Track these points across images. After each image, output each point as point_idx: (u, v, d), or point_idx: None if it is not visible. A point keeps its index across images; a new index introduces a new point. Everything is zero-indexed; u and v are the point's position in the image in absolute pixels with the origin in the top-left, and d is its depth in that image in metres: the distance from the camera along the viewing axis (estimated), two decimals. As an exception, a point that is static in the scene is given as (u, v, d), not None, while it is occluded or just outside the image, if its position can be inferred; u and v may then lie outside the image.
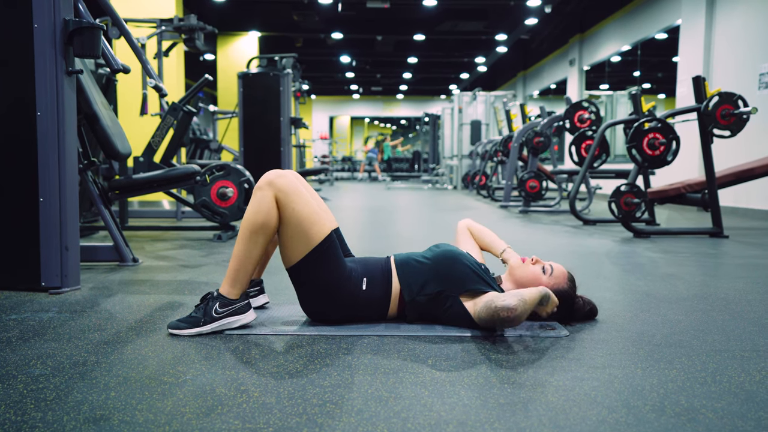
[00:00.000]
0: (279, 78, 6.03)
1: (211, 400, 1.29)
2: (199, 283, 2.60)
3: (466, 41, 15.01)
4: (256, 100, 6.04)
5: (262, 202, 1.77)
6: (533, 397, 1.31)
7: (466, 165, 12.56)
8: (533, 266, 1.92)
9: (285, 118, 6.05)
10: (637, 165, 4.42)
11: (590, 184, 6.53)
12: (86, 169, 3.00)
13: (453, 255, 1.86)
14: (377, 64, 18.56)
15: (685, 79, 7.79)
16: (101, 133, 3.10)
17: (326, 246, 1.80)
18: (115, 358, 1.56)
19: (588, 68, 12.31)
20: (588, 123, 5.97)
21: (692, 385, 1.39)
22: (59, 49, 2.35)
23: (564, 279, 1.92)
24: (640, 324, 1.94)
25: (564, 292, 1.90)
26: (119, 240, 3.02)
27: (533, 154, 6.81)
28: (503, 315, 1.64)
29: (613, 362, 1.55)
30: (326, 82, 21.80)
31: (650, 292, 2.45)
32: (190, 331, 1.76)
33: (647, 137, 4.29)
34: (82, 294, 2.35)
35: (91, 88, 3.12)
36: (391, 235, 4.58)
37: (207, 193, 3.97)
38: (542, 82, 15.33)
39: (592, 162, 5.20)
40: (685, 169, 7.50)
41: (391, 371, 1.47)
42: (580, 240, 4.23)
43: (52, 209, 2.37)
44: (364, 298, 1.84)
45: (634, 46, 10.37)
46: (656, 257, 3.44)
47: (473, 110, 12.62)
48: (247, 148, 6.02)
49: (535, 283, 1.88)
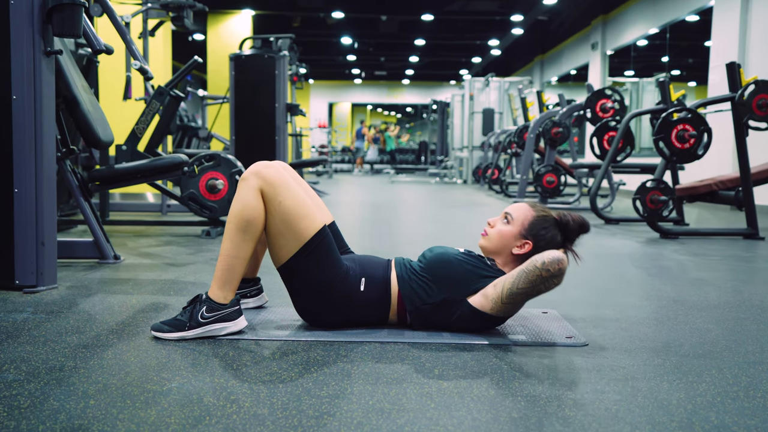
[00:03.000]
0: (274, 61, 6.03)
1: (198, 410, 1.29)
2: (185, 283, 2.60)
3: (478, 22, 14.96)
4: (250, 84, 6.03)
5: (248, 194, 1.78)
6: (549, 411, 1.31)
7: (477, 157, 12.54)
8: (494, 229, 1.91)
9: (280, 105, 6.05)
10: (665, 159, 4.40)
11: (613, 180, 6.52)
12: (65, 158, 3.00)
13: (447, 257, 1.86)
14: (381, 46, 18.52)
15: (718, 66, 7.76)
16: (81, 118, 3.10)
17: (319, 241, 1.80)
18: (94, 364, 1.56)
19: (612, 53, 12.27)
20: (611, 113, 5.95)
21: (723, 401, 1.38)
22: (37, 28, 2.35)
23: (527, 209, 1.90)
24: (666, 333, 1.94)
25: (537, 219, 1.87)
26: (99, 235, 3.03)
27: (551, 146, 6.79)
28: (555, 269, 1.65)
29: (636, 374, 1.55)
30: (326, 66, 21.76)
31: (678, 299, 2.44)
32: (172, 335, 1.76)
33: (676, 129, 4.28)
34: (59, 293, 2.36)
35: (71, 70, 3.13)
36: (394, 234, 4.59)
37: (195, 185, 3.97)
38: (561, 67, 15.29)
39: (615, 155, 5.19)
40: (717, 165, 7.48)
41: (394, 381, 1.48)
42: (602, 240, 4.23)
43: (27, 201, 2.37)
44: (361, 299, 1.85)
45: (663, 29, 10.33)
46: (685, 260, 3.43)
47: (485, 98, 12.60)
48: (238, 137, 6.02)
49: (507, 240, 1.87)
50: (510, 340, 1.80)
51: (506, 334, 1.86)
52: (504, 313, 1.78)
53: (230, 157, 4.03)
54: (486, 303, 1.78)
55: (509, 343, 1.78)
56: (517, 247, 1.86)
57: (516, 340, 1.80)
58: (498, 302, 1.75)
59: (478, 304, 1.79)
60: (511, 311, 1.79)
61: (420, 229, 4.97)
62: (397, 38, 16.94)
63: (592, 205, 5.19)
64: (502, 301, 1.74)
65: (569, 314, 2.14)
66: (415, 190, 10.40)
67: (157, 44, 7.08)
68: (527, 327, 1.95)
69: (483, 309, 1.78)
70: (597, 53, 12.50)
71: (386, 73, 23.71)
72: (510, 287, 1.72)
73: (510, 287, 1.72)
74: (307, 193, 1.96)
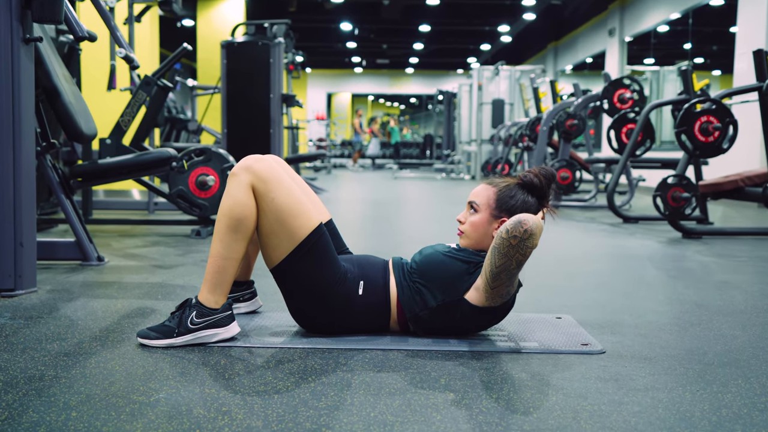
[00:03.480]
0: (269, 48, 6.03)
1: (187, 422, 1.29)
2: (174, 287, 2.60)
3: (487, 6, 14.95)
4: (242, 73, 6.03)
5: (238, 191, 1.78)
6: (563, 424, 1.31)
7: (486, 151, 12.53)
8: (465, 225, 1.91)
9: (275, 95, 6.05)
10: (687, 153, 4.40)
11: (632, 176, 6.51)
12: (45, 153, 3.01)
13: (436, 258, 1.87)
14: (383, 32, 18.52)
15: (744, 53, 7.74)
16: (63, 110, 3.10)
17: (314, 241, 1.80)
18: (76, 373, 1.56)
19: (630, 39, 12.24)
20: (630, 103, 5.94)
21: (750, 412, 1.38)
22: (15, 13, 2.35)
23: (487, 189, 1.90)
24: (689, 340, 1.94)
25: (500, 193, 1.88)
26: (82, 235, 3.03)
27: (565, 139, 6.79)
28: (520, 231, 1.62)
29: (657, 384, 1.54)
30: (324, 54, 21.77)
31: (701, 303, 2.44)
32: (159, 342, 1.76)
33: (699, 121, 4.27)
34: (38, 297, 2.36)
35: (52, 59, 3.13)
36: (396, 234, 4.59)
37: (184, 182, 3.97)
38: (576, 55, 15.27)
39: (634, 149, 5.18)
40: (743, 159, 7.46)
41: (397, 391, 1.47)
42: (620, 241, 4.22)
43: (5, 199, 2.37)
44: (360, 303, 1.85)
45: (685, 14, 10.31)
46: (709, 262, 3.43)
47: (495, 87, 12.58)
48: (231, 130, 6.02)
49: (481, 227, 1.87)
50: (521, 347, 1.80)
51: (518, 341, 1.86)
52: (499, 298, 1.76)
53: (222, 151, 4.03)
54: (479, 296, 1.78)
55: (520, 350, 1.78)
56: (496, 229, 1.86)
57: (528, 348, 1.80)
58: (487, 289, 1.74)
59: (474, 299, 1.79)
60: (504, 294, 1.76)
61: (424, 228, 4.97)
62: (400, 24, 16.92)
63: (610, 202, 5.19)
64: (490, 287, 1.73)
65: (585, 320, 2.14)
66: (420, 186, 10.40)
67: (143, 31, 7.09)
68: (540, 334, 1.95)
69: (480, 303, 1.78)
70: (615, 40, 12.48)
71: (389, 62, 23.71)
72: (490, 268, 1.71)
73: (490, 268, 1.71)
74: (302, 189, 1.96)
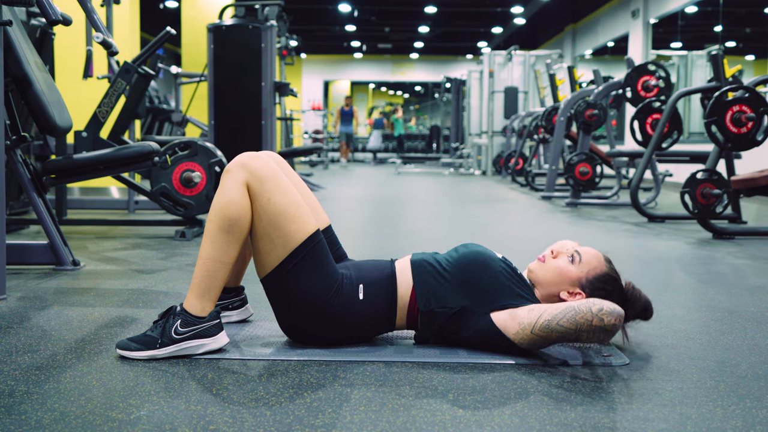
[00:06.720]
0: (260, 32, 6.03)
1: (171, 442, 1.29)
2: (157, 293, 2.60)
3: (499, -14, 14.95)
4: (231, 60, 6.04)
5: (232, 189, 1.78)
6: (583, 442, 1.30)
7: (498, 144, 12.53)
8: (555, 260, 1.91)
9: (267, 84, 6.05)
10: (718, 146, 4.39)
11: (657, 170, 6.50)
12: (15, 147, 3.01)
13: (483, 259, 1.86)
14: (385, 14, 18.50)
15: (781, 36, 7.71)
16: (34, 100, 3.10)
17: (310, 248, 1.80)
18: (50, 388, 1.56)
19: (655, 21, 12.23)
20: (655, 92, 5.93)
21: (788, 430, 1.38)
22: (-19, -6, 2.35)
23: (599, 261, 1.90)
24: (720, 350, 1.93)
25: (605, 276, 1.88)
26: (55, 237, 3.03)
27: (585, 130, 6.78)
28: (610, 323, 1.65)
29: (686, 398, 1.54)
30: (320, 38, 21.77)
31: (734, 310, 2.44)
32: (141, 354, 1.76)
33: (731, 110, 4.26)
34: (8, 306, 2.36)
35: (22, 45, 3.13)
36: (400, 235, 4.58)
37: (167, 178, 3.97)
38: (596, 38, 15.24)
39: (660, 142, 5.17)
40: (779, 152, 7.44)
41: (401, 407, 1.47)
42: (644, 241, 4.22)
43: (-29, 197, 2.37)
44: (362, 310, 1.84)
45: (716, -7, 10.29)
46: (742, 265, 3.42)
47: (508, 74, 12.58)
48: (218, 121, 6.02)
49: (562, 279, 1.87)
50: (538, 359, 1.80)
51: (533, 352, 1.85)
52: (528, 344, 1.76)
53: (209, 145, 4.03)
54: (512, 326, 1.76)
55: (537, 362, 1.77)
56: (568, 293, 1.86)
57: (545, 359, 1.80)
58: (527, 330, 1.73)
59: (501, 323, 1.78)
60: (536, 345, 1.77)
61: (431, 229, 4.97)
62: (404, 5, 16.92)
63: (633, 199, 5.18)
64: (532, 331, 1.73)
65: (606, 328, 2.14)
66: (426, 182, 10.40)
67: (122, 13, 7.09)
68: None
69: (506, 331, 1.77)
70: (638, 22, 12.46)
71: (391, 47, 23.69)
72: (549, 319, 1.71)
73: (549, 319, 1.71)
74: (301, 191, 1.96)
